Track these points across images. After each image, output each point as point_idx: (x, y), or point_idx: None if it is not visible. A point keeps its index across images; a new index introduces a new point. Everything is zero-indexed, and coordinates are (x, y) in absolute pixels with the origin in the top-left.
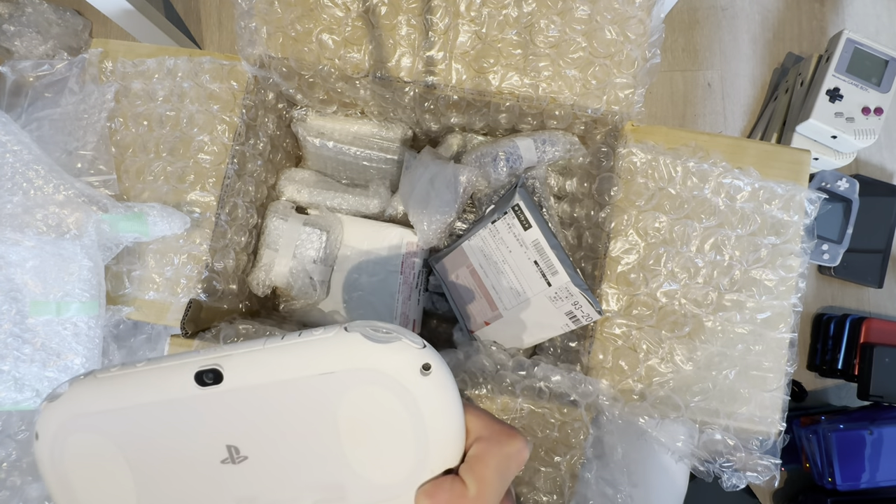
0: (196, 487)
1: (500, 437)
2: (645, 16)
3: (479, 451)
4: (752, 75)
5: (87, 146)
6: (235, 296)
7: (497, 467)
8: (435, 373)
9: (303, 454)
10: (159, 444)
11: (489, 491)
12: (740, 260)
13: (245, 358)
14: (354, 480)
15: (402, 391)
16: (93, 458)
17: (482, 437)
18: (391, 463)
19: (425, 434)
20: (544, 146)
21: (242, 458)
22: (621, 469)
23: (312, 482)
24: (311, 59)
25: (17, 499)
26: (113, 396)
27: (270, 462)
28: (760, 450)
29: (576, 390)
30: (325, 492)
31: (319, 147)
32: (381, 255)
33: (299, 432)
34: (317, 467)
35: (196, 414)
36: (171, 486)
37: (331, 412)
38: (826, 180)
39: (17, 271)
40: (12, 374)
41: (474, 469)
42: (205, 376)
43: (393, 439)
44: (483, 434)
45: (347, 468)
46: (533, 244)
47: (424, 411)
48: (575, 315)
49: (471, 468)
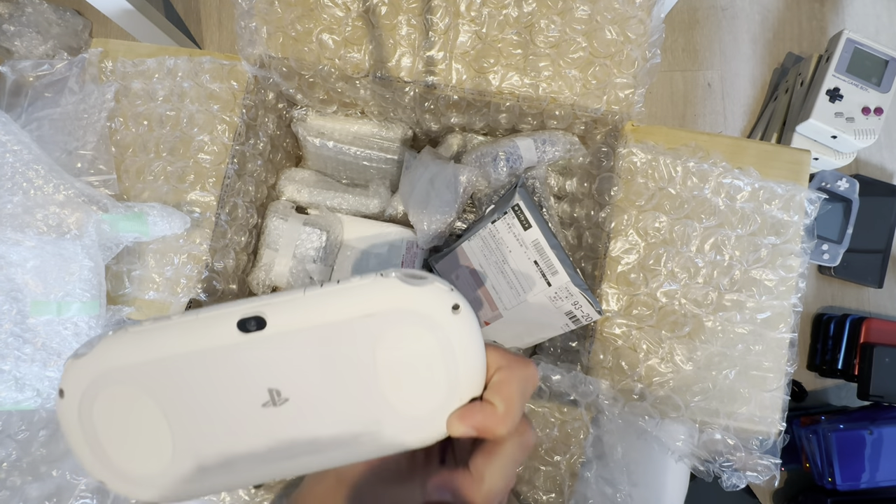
0: (236, 432)
1: (517, 364)
2: (645, 16)
3: (502, 377)
4: (752, 75)
5: (86, 146)
6: (235, 296)
7: (518, 388)
8: (463, 311)
9: (342, 393)
10: (198, 393)
11: (514, 408)
12: (740, 260)
13: (288, 304)
14: (390, 414)
15: (436, 329)
16: (126, 413)
17: (502, 366)
18: (425, 395)
19: (456, 367)
20: (544, 146)
21: (284, 401)
22: (621, 468)
23: (351, 418)
24: (311, 58)
25: (17, 499)
26: (149, 348)
27: (311, 402)
28: (760, 449)
29: (576, 390)
30: (362, 426)
31: (319, 147)
32: (381, 254)
33: (339, 372)
34: (355, 404)
35: (238, 360)
36: (210, 434)
37: (369, 352)
38: (826, 180)
39: (18, 271)
40: (13, 374)
41: (500, 391)
42: (248, 323)
43: (427, 374)
44: (502, 363)
45: (385, 403)
46: (533, 244)
47: (456, 346)
48: (575, 315)
49: (497, 391)
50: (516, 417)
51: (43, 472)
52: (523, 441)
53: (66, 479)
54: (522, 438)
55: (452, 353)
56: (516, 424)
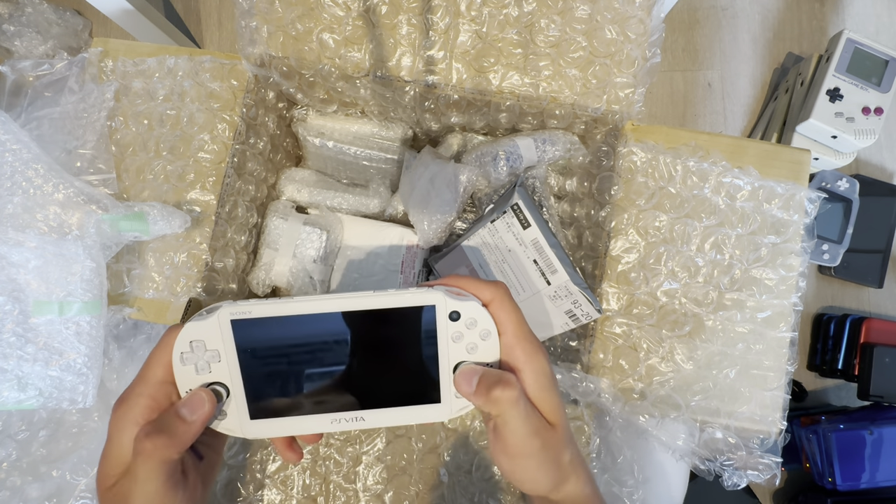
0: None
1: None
2: (645, 15)
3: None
4: (752, 75)
5: (86, 145)
6: (235, 295)
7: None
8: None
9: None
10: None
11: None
12: (740, 259)
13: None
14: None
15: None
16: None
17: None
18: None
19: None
20: (544, 145)
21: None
22: (629, 468)
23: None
24: (311, 58)
25: (17, 499)
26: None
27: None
28: (761, 448)
29: (576, 389)
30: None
31: (319, 147)
32: (381, 254)
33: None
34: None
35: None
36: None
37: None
38: (826, 180)
39: (20, 272)
40: (15, 374)
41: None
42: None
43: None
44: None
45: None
46: (532, 243)
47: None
48: (574, 314)
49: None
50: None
51: (43, 472)
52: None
53: (66, 480)
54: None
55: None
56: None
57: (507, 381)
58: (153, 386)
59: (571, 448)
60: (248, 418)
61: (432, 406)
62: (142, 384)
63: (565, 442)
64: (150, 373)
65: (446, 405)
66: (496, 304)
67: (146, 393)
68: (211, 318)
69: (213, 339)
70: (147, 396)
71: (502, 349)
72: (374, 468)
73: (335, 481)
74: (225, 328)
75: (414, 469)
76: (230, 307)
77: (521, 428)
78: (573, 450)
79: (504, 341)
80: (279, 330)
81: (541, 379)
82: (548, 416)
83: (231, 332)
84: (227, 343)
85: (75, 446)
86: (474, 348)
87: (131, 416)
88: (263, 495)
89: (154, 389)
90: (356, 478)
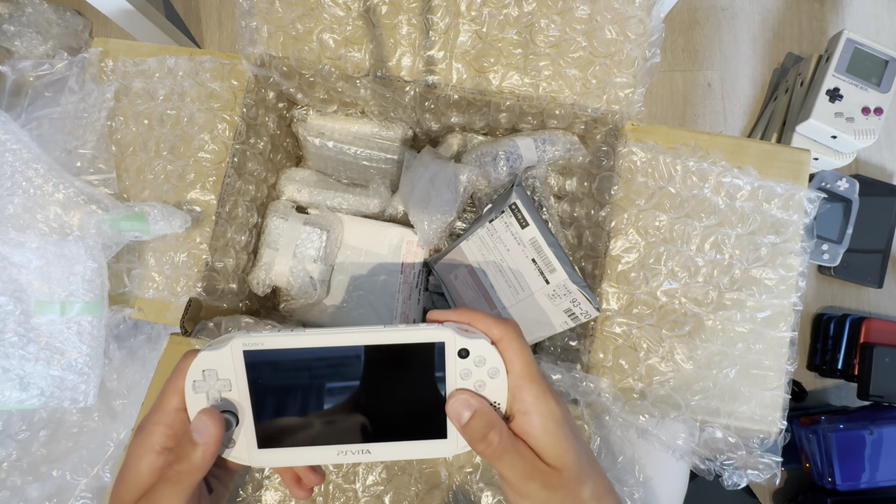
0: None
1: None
2: (645, 15)
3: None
4: (752, 75)
5: (86, 145)
6: (235, 295)
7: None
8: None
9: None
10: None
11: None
12: (740, 259)
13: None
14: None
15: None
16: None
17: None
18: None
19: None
20: (544, 145)
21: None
22: (631, 467)
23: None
24: (311, 58)
25: (17, 499)
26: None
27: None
28: (761, 448)
29: (576, 389)
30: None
31: (320, 147)
32: (381, 254)
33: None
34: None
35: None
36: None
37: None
38: (826, 180)
39: (22, 272)
40: (17, 373)
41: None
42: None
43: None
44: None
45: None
46: (530, 242)
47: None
48: (574, 312)
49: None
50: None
51: (43, 472)
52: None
53: (66, 479)
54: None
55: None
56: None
57: (495, 429)
58: (169, 414)
59: (592, 482)
60: (256, 447)
61: (438, 441)
62: (158, 413)
63: (579, 479)
64: (165, 401)
65: (452, 441)
66: (505, 342)
67: (163, 421)
68: (224, 349)
69: (224, 369)
70: (164, 425)
71: (510, 389)
72: (373, 468)
73: (334, 481)
74: (237, 358)
75: (414, 469)
76: (242, 338)
77: (510, 473)
78: (595, 482)
79: (512, 381)
80: (290, 361)
81: (548, 423)
82: (551, 461)
83: (243, 362)
84: (239, 373)
85: (76, 446)
86: (482, 386)
87: (149, 443)
88: (262, 496)
89: (170, 418)
90: (356, 478)
